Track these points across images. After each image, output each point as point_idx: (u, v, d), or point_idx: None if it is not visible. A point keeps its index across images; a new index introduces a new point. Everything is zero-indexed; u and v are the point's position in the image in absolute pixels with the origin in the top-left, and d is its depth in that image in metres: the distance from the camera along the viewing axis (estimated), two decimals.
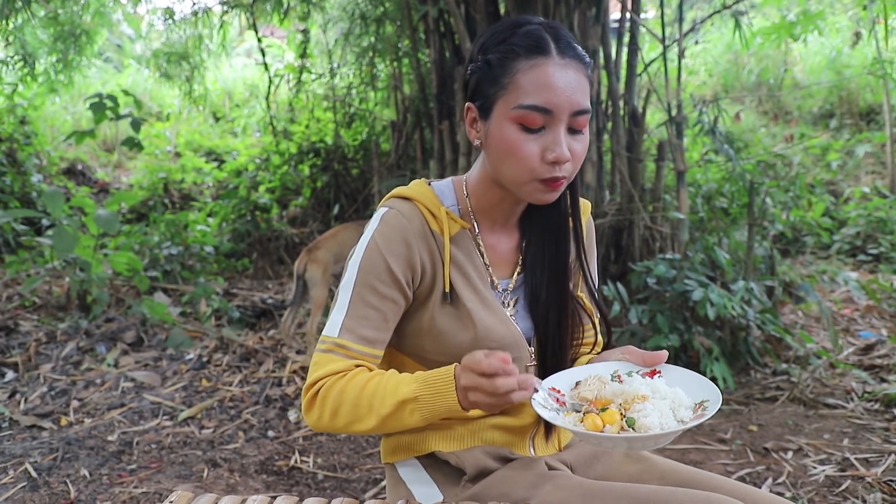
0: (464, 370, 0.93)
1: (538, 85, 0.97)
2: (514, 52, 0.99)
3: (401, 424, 0.99)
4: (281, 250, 5.24)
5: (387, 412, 0.97)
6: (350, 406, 1.00)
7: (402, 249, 1.05)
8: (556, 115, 0.98)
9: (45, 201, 3.72)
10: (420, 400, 0.96)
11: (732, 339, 2.95)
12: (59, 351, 3.29)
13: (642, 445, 0.91)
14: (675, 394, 0.96)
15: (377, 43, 5.17)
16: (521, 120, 0.98)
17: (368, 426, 0.99)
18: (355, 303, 1.04)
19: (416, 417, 0.97)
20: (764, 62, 7.87)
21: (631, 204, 3.35)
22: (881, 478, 2.10)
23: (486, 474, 1.09)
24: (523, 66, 0.98)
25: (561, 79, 0.98)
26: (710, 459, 2.30)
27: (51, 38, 5.19)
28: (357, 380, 1.01)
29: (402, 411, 0.97)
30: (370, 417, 0.99)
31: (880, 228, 5.14)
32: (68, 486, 2.17)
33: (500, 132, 1.00)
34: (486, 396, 0.91)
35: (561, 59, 0.99)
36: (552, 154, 0.98)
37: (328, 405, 1.01)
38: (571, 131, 1.00)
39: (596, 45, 3.39)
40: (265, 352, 3.38)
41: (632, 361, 1.05)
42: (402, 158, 4.80)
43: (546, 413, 0.94)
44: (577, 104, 0.98)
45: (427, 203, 1.09)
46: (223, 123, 8.46)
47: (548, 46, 0.99)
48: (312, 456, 2.42)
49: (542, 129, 0.99)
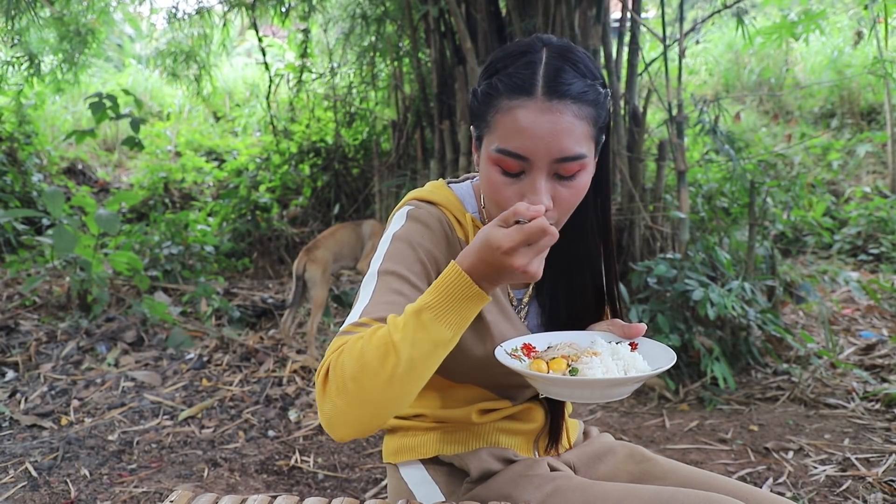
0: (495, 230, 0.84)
1: (513, 129, 0.90)
2: (497, 89, 0.92)
3: (427, 346, 0.83)
4: (281, 250, 5.25)
5: (400, 336, 0.83)
6: (364, 358, 0.83)
7: (430, 244, 1.00)
8: (534, 161, 0.91)
9: (46, 201, 3.72)
10: (432, 304, 0.84)
11: (733, 339, 2.94)
12: (60, 350, 3.29)
13: (580, 393, 0.91)
14: (633, 358, 0.95)
15: (378, 42, 5.17)
16: (498, 163, 0.93)
17: (389, 373, 0.82)
18: (380, 290, 0.94)
19: (441, 326, 0.84)
20: (765, 62, 7.87)
21: (632, 203, 3.35)
22: (882, 478, 2.09)
23: (489, 476, 1.09)
24: (503, 105, 0.92)
25: (541, 124, 0.89)
26: (710, 459, 2.30)
27: (56, 39, 5.20)
28: (366, 333, 0.87)
29: (421, 323, 0.83)
30: (388, 359, 0.82)
31: (881, 228, 5.14)
32: (69, 485, 2.17)
33: (485, 169, 0.96)
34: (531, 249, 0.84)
35: (546, 100, 0.90)
36: (528, 201, 0.91)
37: (346, 368, 0.84)
38: (559, 177, 0.93)
39: (597, 45, 3.39)
40: (265, 351, 3.38)
41: (613, 332, 1.04)
42: (403, 158, 4.80)
43: (507, 359, 0.95)
44: (559, 151, 0.90)
45: (453, 209, 1.04)
46: (224, 123, 8.47)
47: (533, 86, 0.90)
48: (313, 456, 2.42)
49: (522, 174, 0.93)
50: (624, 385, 0.89)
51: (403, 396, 0.85)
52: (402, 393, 0.85)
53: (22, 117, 6.24)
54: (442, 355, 0.86)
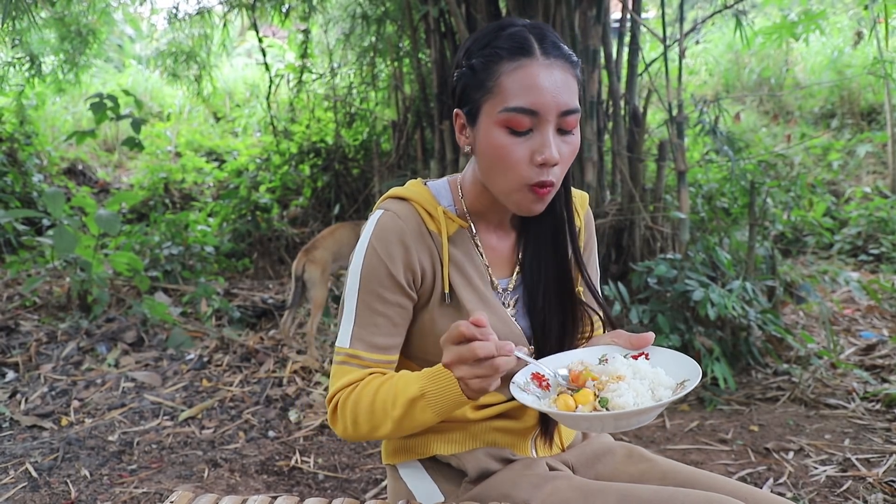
0: (444, 346, 0.90)
1: (523, 86, 0.95)
2: (497, 55, 0.97)
3: (417, 423, 0.97)
4: (281, 250, 5.25)
5: (399, 414, 0.96)
6: (366, 414, 0.99)
7: (400, 252, 1.03)
8: (543, 115, 0.95)
9: (46, 201, 3.72)
10: (427, 396, 0.93)
11: (733, 340, 2.94)
12: (60, 351, 3.29)
13: (614, 425, 0.87)
14: (656, 374, 0.92)
15: (378, 43, 5.17)
16: (507, 123, 0.96)
17: (387, 430, 0.98)
18: (362, 311, 1.04)
19: (429, 414, 0.94)
20: (765, 62, 7.87)
21: (632, 204, 3.35)
22: (882, 478, 2.09)
23: (487, 475, 1.09)
24: (507, 68, 0.96)
25: (546, 79, 0.95)
26: (711, 460, 2.30)
27: (57, 39, 5.21)
28: (369, 388, 1.00)
29: (414, 410, 0.95)
30: (386, 422, 0.98)
31: (881, 228, 5.13)
32: (69, 486, 2.17)
33: (488, 137, 0.98)
34: (471, 368, 0.88)
35: (545, 59, 0.96)
36: (541, 156, 0.96)
37: (347, 416, 1.01)
38: (561, 132, 0.98)
39: (597, 45, 3.39)
40: (266, 352, 3.38)
41: (619, 345, 1.02)
42: (403, 158, 4.80)
43: (525, 397, 0.91)
44: (564, 104, 0.96)
45: (424, 203, 1.07)
46: (224, 123, 8.47)
47: (531, 47, 0.96)
48: (313, 456, 2.42)
49: (530, 132, 0.97)
50: (658, 410, 0.86)
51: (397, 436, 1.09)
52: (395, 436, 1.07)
53: (23, 118, 6.24)
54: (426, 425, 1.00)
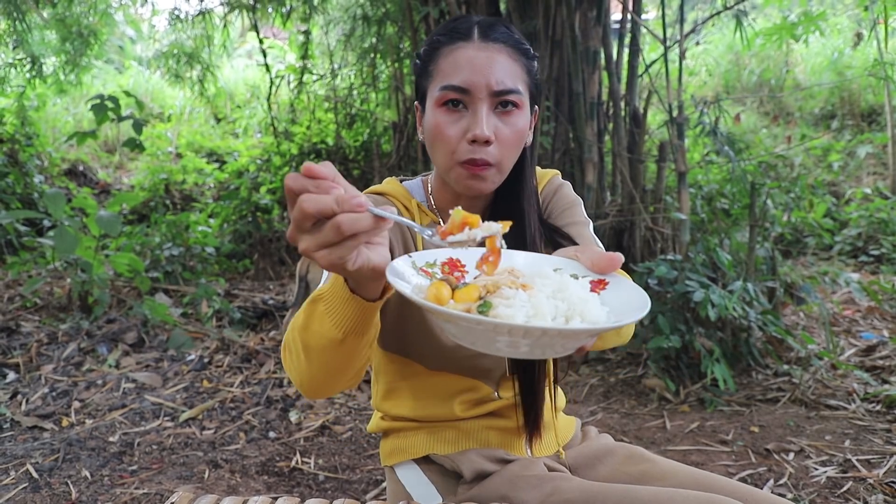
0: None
1: (455, 66, 0.99)
2: (438, 41, 1.02)
3: (318, 335, 0.81)
4: (282, 251, 5.25)
5: (301, 322, 0.84)
6: (290, 333, 0.87)
7: None
8: (474, 93, 0.98)
9: (47, 202, 3.72)
10: (325, 296, 0.81)
11: (734, 340, 2.94)
12: (61, 352, 3.30)
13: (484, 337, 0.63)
14: (586, 301, 0.68)
15: (378, 44, 5.18)
16: (442, 101, 1.00)
17: (299, 350, 0.85)
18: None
19: (327, 322, 0.79)
20: (765, 63, 7.88)
21: (632, 205, 3.35)
22: (883, 479, 2.09)
23: (484, 476, 1.09)
24: (445, 51, 1.01)
25: (479, 58, 0.98)
26: (711, 461, 2.30)
27: (58, 40, 5.22)
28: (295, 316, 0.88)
29: (313, 315, 0.82)
30: (297, 340, 0.84)
31: (882, 229, 5.13)
32: (69, 486, 2.18)
33: (429, 118, 1.02)
34: (312, 236, 0.65)
35: (483, 42, 0.99)
36: (471, 133, 0.98)
37: (290, 348, 0.88)
38: (502, 114, 1.00)
39: (597, 46, 3.39)
40: (266, 353, 3.38)
41: (581, 262, 0.81)
42: (404, 159, 4.80)
43: (400, 284, 0.68)
44: (497, 83, 0.98)
45: (399, 197, 1.12)
46: (224, 124, 8.48)
47: (470, 32, 1.00)
48: (313, 457, 2.42)
49: (465, 110, 0.99)
50: (548, 337, 0.61)
51: (327, 372, 0.84)
52: (323, 370, 0.84)
53: (24, 119, 6.25)
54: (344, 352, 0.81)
